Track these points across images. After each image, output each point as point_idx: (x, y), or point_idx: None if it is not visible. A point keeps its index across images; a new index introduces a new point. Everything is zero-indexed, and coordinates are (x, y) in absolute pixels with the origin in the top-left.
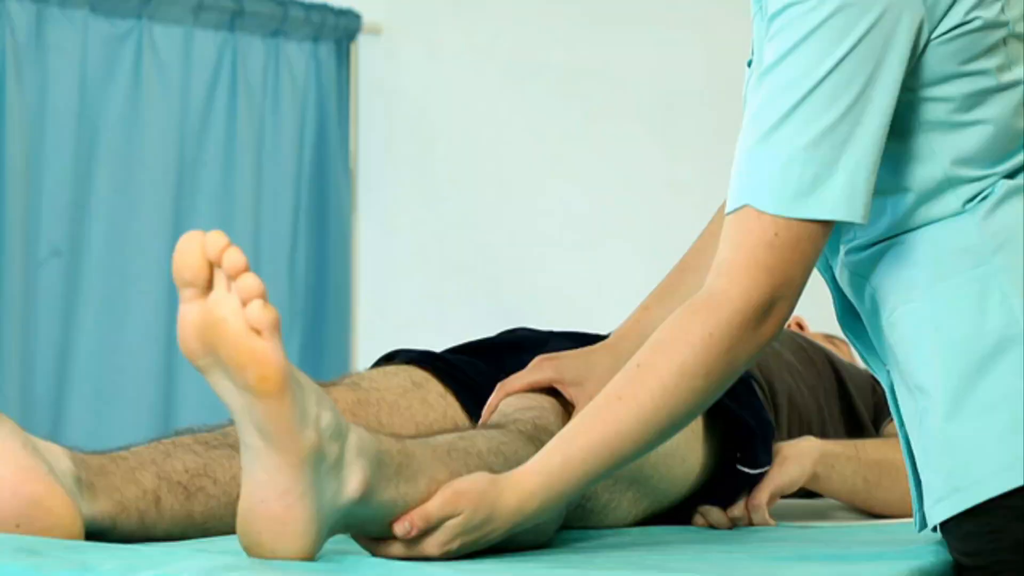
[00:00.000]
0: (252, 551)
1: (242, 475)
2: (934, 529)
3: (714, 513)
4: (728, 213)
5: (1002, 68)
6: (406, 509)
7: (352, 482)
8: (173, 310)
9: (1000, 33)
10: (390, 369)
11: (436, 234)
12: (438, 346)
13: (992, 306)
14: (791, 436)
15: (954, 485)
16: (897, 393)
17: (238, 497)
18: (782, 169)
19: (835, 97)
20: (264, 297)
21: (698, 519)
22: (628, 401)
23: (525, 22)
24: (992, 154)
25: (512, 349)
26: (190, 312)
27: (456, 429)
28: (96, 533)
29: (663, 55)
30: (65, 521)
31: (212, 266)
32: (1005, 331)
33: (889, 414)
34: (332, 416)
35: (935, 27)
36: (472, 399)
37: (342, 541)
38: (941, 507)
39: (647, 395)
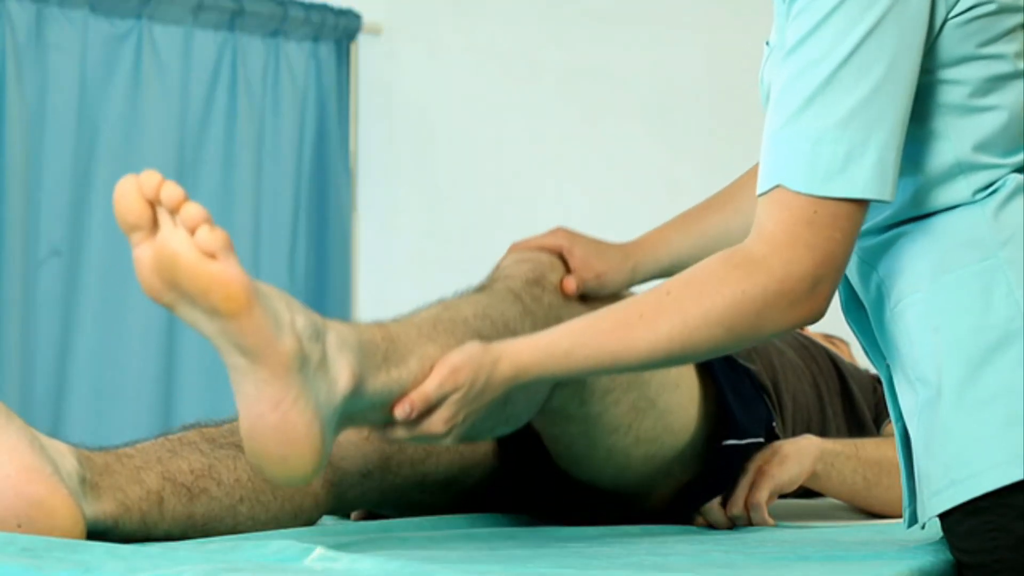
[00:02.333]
0: (265, 469)
1: (235, 397)
2: (923, 526)
3: (714, 513)
4: (760, 194)
5: (1020, 54)
6: (403, 392)
7: (341, 377)
8: None
9: (1018, 18)
10: None
11: (436, 234)
12: None
13: (997, 299)
14: (795, 435)
15: (952, 477)
16: (896, 385)
17: (240, 500)
18: (812, 148)
19: (861, 75)
20: (210, 222)
21: (698, 519)
22: (647, 324)
23: (525, 22)
24: (1006, 143)
25: None
26: (143, 254)
27: (439, 303)
28: (98, 533)
29: (663, 55)
30: (67, 522)
31: (153, 205)
32: (1009, 325)
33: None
34: (306, 317)
35: (952, 7)
36: None
37: (343, 537)
38: (939, 499)
39: (666, 326)
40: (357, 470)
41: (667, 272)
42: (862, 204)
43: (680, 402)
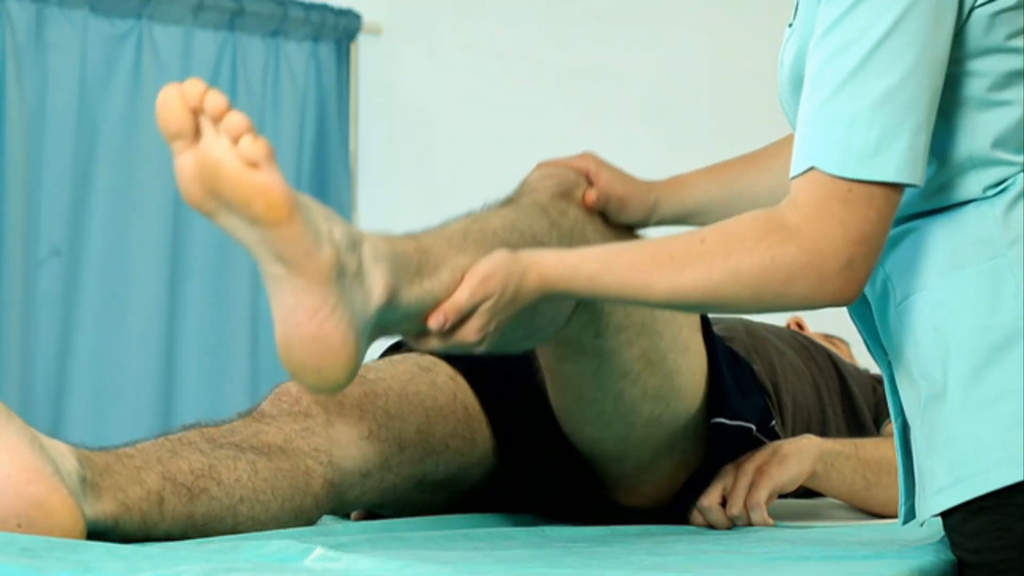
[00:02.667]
0: (300, 376)
1: (271, 306)
2: (921, 524)
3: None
4: (793, 177)
5: None
6: (435, 303)
7: (376, 288)
8: (173, 310)
9: None
10: (396, 358)
11: None
12: None
13: (1005, 298)
14: (795, 435)
15: (957, 475)
16: (897, 381)
17: (240, 500)
18: (846, 130)
19: (895, 58)
20: (253, 131)
21: (697, 518)
22: (675, 267)
23: (525, 22)
24: (1020, 139)
25: None
26: (185, 162)
27: (468, 216)
28: (98, 533)
29: (663, 55)
30: (67, 523)
31: (196, 113)
32: (1016, 324)
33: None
34: (344, 228)
35: None
36: (481, 379)
37: (343, 537)
38: (942, 497)
39: (692, 273)
40: (357, 470)
41: (687, 216)
42: (896, 188)
43: (688, 367)
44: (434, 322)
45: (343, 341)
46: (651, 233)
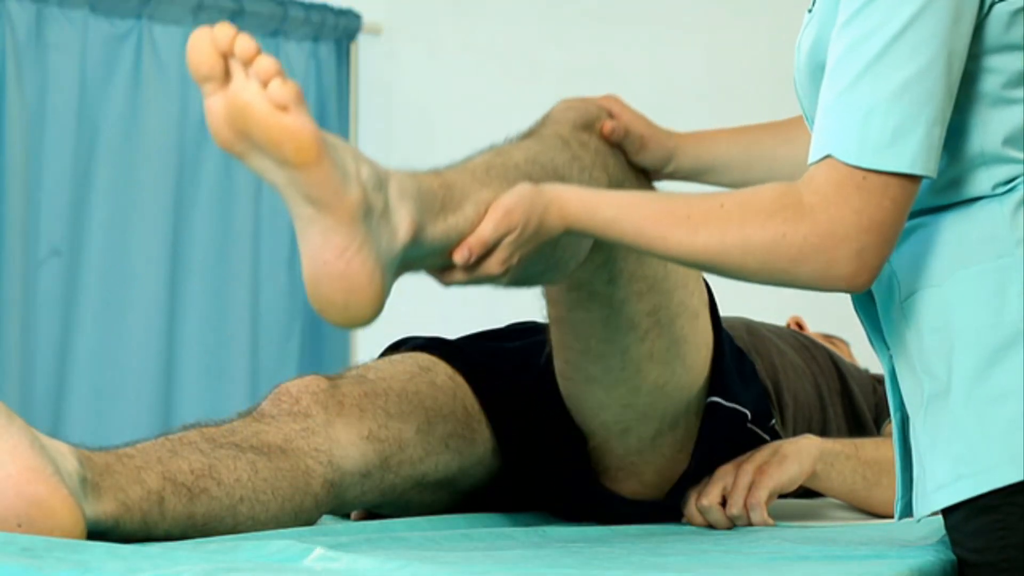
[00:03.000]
0: (327, 313)
1: (299, 245)
2: (918, 520)
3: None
4: (811, 163)
5: None
6: (460, 238)
7: (402, 226)
8: (173, 310)
9: None
10: (396, 357)
11: None
12: None
13: (1011, 298)
14: (796, 434)
15: (959, 473)
16: (899, 375)
17: (240, 500)
18: (863, 120)
19: (915, 49)
20: (282, 75)
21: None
22: (690, 226)
23: (525, 22)
24: None
25: (519, 334)
26: (216, 104)
27: (491, 149)
28: (98, 533)
29: (663, 55)
30: (68, 523)
31: (226, 57)
32: (1021, 324)
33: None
34: (371, 168)
35: None
36: (481, 379)
37: (343, 537)
38: (943, 494)
39: (705, 236)
40: (357, 470)
41: (704, 171)
42: (911, 179)
43: (695, 338)
44: (459, 256)
45: (369, 278)
46: (664, 188)
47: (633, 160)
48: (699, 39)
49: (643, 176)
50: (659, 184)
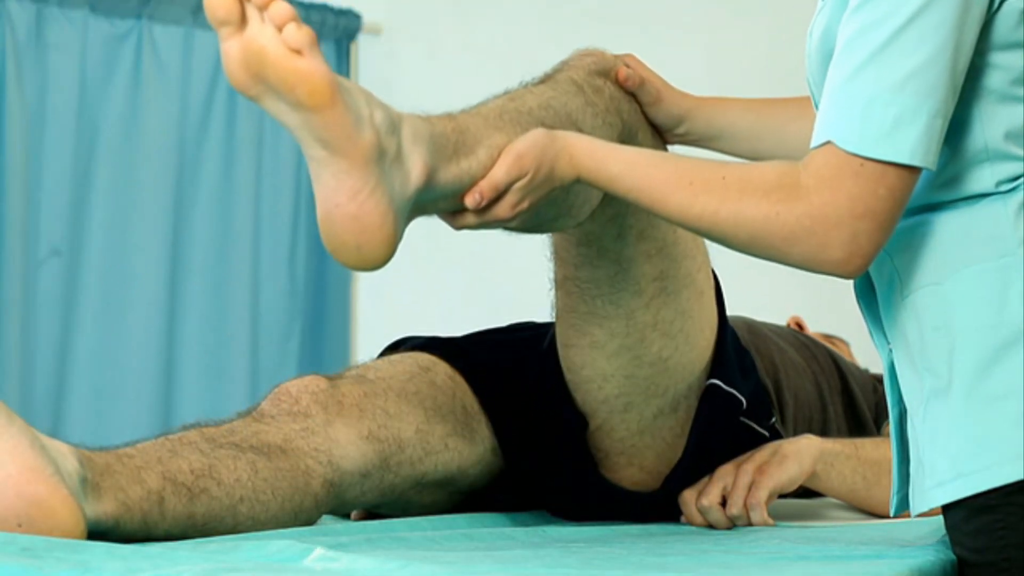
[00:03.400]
0: (339, 254)
1: (314, 186)
2: (915, 516)
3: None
4: (812, 147)
5: None
6: (472, 182)
7: (415, 169)
8: (173, 310)
9: None
10: (396, 357)
11: (435, 232)
12: None
13: (1013, 297)
14: (796, 433)
15: (959, 470)
16: (899, 371)
17: (240, 500)
18: (864, 109)
19: (921, 40)
20: (297, 20)
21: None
22: (690, 192)
23: (525, 22)
24: None
25: (520, 332)
26: (232, 48)
27: (505, 94)
28: (98, 533)
29: (663, 55)
30: (68, 523)
31: (242, 2)
32: (1023, 323)
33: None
34: (384, 112)
35: None
36: (481, 378)
37: (343, 537)
38: (943, 491)
39: (702, 204)
40: (357, 470)
41: (714, 137)
42: (909, 170)
43: (700, 315)
44: (470, 200)
45: (382, 220)
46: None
47: (646, 112)
48: (699, 39)
49: (656, 132)
50: (671, 148)
